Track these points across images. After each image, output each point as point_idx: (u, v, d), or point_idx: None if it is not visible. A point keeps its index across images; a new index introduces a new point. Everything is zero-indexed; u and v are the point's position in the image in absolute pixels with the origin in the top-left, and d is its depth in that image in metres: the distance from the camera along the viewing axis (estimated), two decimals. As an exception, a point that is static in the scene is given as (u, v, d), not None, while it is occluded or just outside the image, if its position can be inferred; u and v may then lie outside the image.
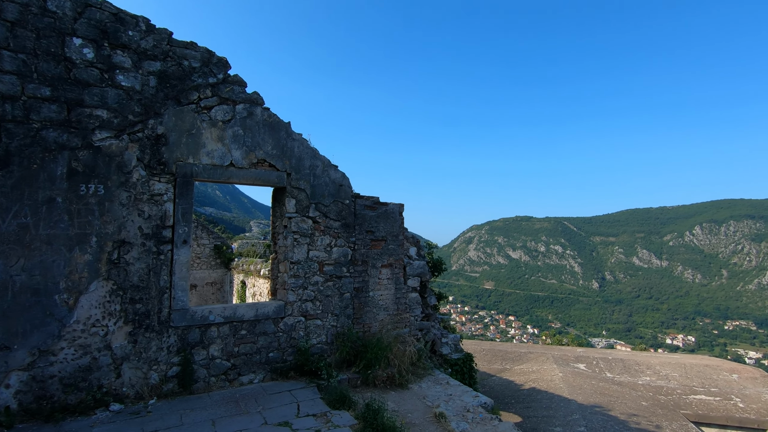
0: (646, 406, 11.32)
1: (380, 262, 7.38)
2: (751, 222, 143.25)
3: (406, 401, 6.04)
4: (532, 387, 12.47)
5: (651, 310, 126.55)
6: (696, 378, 13.86)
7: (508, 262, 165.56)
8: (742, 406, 11.71)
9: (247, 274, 16.63)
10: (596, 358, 15.77)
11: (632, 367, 14.80)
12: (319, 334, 6.77)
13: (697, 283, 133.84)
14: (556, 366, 14.13)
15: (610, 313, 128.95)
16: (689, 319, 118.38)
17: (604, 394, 11.91)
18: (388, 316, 7.34)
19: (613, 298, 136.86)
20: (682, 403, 12.00)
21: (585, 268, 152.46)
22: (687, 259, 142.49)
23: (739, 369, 15.07)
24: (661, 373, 14.30)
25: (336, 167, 7.14)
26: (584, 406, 10.60)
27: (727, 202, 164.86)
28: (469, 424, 5.21)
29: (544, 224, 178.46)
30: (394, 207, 7.58)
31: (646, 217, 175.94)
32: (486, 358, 15.77)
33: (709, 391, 12.75)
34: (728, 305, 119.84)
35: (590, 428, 9.02)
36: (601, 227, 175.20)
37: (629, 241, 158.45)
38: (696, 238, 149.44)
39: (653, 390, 12.76)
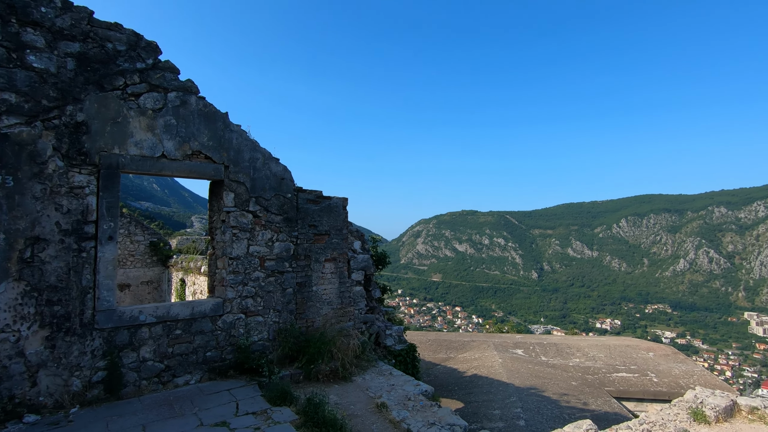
0: (576, 385, 12.23)
1: (323, 256, 7.34)
2: (667, 215, 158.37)
3: (349, 394, 6.08)
4: (474, 374, 13.02)
5: (583, 297, 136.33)
6: (619, 357, 15.16)
7: (454, 255, 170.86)
8: (656, 381, 12.99)
9: (187, 272, 15.85)
10: (533, 344, 16.77)
11: (564, 351, 15.89)
12: (260, 330, 6.62)
13: (622, 271, 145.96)
14: (497, 353, 14.85)
15: (548, 301, 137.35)
16: (616, 304, 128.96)
17: (539, 376, 12.71)
18: (332, 311, 7.33)
19: (550, 287, 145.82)
20: (607, 380, 13.09)
21: (525, 259, 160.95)
22: (614, 249, 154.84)
23: (655, 348, 16.68)
24: (590, 354, 15.50)
25: (277, 160, 6.98)
26: (521, 388, 11.24)
27: (648, 197, 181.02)
28: (410, 412, 5.35)
29: (488, 218, 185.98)
30: (338, 201, 7.56)
31: (579, 211, 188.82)
32: (432, 348, 16.23)
33: (629, 368, 14.00)
34: (648, 291, 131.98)
35: (526, 409, 9.59)
36: (540, 221, 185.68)
37: (565, 233, 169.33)
38: (622, 230, 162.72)
39: (582, 370, 13.80)
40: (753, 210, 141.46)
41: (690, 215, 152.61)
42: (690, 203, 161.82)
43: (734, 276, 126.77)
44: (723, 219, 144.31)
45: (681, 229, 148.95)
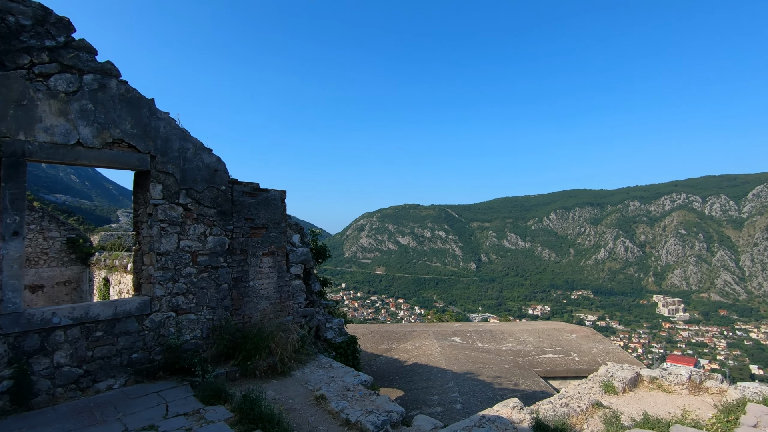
0: (508, 368, 13.02)
1: (261, 250, 7.15)
2: (590, 208, 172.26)
3: (288, 388, 6.02)
4: (415, 362, 13.40)
5: (517, 286, 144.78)
6: (546, 340, 16.33)
7: (397, 248, 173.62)
8: (578, 360, 14.18)
9: (111, 270, 14.68)
10: (470, 331, 17.57)
11: (498, 336, 16.83)
12: (193, 329, 6.34)
13: (552, 260, 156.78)
14: (436, 341, 15.39)
15: (485, 290, 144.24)
16: (546, 291, 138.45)
17: (475, 362, 13.37)
18: (270, 305, 7.18)
19: (487, 277, 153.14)
20: (535, 362, 14.08)
21: (465, 251, 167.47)
22: (545, 240, 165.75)
23: (578, 330, 18.18)
24: (521, 338, 16.55)
25: (210, 151, 6.67)
26: (458, 374, 11.76)
27: (574, 192, 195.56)
28: (349, 402, 5.41)
29: (429, 212, 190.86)
30: (276, 194, 7.39)
31: (514, 204, 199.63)
32: (374, 340, 16.45)
33: (555, 350, 15.15)
34: (574, 278, 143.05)
35: (462, 393, 10.06)
36: (478, 214, 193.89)
37: (501, 226, 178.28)
38: (552, 223, 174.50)
39: (514, 354, 14.72)
40: (661, 204, 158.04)
41: (609, 209, 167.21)
42: (610, 197, 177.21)
43: (645, 263, 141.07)
44: (637, 212, 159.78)
45: (602, 221, 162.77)
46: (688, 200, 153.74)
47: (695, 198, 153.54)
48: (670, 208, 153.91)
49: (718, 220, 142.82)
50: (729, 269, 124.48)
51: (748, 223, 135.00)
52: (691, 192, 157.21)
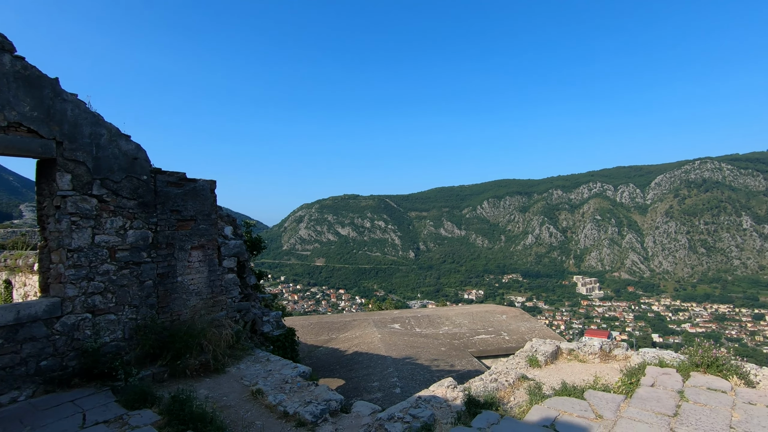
0: (445, 350, 13.59)
1: (190, 243, 6.76)
2: (519, 197, 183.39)
3: (222, 385, 5.81)
4: (355, 351, 13.52)
5: (453, 272, 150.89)
6: (480, 322, 17.24)
7: (337, 239, 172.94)
8: (508, 338, 15.15)
9: (14, 271, 13.08)
10: (409, 318, 18.05)
11: (436, 321, 17.47)
12: (113, 330, 5.86)
13: (485, 247, 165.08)
14: (376, 329, 15.62)
15: (424, 277, 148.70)
16: (480, 276, 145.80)
17: (414, 346, 13.78)
18: (201, 301, 6.83)
19: (425, 264, 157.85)
20: (470, 343, 14.82)
21: (403, 240, 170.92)
22: (478, 228, 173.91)
23: (508, 311, 19.39)
24: (456, 322, 17.31)
25: (128, 137, 6.14)
26: (397, 359, 12.06)
27: (505, 182, 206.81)
28: (287, 395, 5.34)
29: (369, 202, 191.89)
30: (204, 184, 7.00)
31: (450, 194, 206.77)
32: (314, 331, 16.32)
33: (488, 330, 16.05)
34: (505, 263, 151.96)
35: (401, 377, 10.34)
36: (416, 203, 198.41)
37: (437, 215, 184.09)
38: (484, 211, 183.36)
39: (450, 336, 15.37)
40: (580, 192, 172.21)
41: (536, 197, 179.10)
42: (536, 187, 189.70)
43: (567, 247, 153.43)
44: (559, 200, 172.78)
45: (529, 209, 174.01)
46: (603, 189, 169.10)
47: (608, 186, 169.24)
48: (588, 196, 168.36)
49: (627, 206, 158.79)
50: (636, 250, 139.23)
51: (651, 208, 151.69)
52: (605, 181, 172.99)
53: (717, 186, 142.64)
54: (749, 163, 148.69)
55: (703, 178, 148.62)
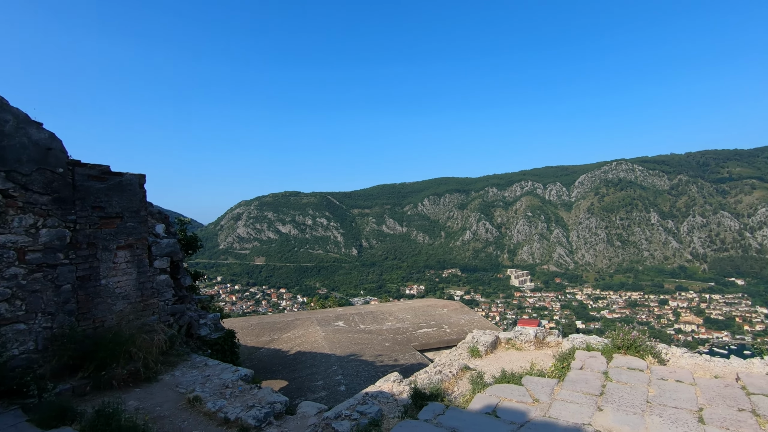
0: (389, 345, 13.73)
1: (115, 243, 6.19)
2: (458, 195, 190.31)
3: (155, 395, 5.40)
4: (299, 350, 13.24)
5: (396, 268, 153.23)
6: (422, 316, 17.64)
7: (278, 237, 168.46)
8: (449, 331, 15.64)
9: None
10: (352, 315, 18.02)
11: (379, 317, 17.60)
12: (23, 341, 5.22)
13: (426, 243, 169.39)
14: (320, 327, 15.41)
15: (367, 274, 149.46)
16: (421, 272, 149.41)
17: (358, 343, 13.77)
18: (129, 305, 6.29)
19: (368, 261, 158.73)
20: (413, 337, 15.11)
21: (346, 237, 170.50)
22: (420, 225, 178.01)
23: (448, 304, 20.03)
24: (399, 317, 17.57)
25: (40, 125, 5.48)
26: (342, 357, 11.98)
27: (445, 180, 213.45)
28: (227, 400, 5.09)
29: (311, 199, 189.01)
30: (132, 178, 6.44)
31: (392, 191, 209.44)
32: (255, 332, 15.75)
33: (430, 324, 16.46)
34: (445, 258, 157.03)
35: (346, 375, 10.28)
36: (358, 200, 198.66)
37: (380, 212, 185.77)
38: (425, 208, 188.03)
39: (394, 332, 15.57)
40: (513, 190, 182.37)
41: (473, 194, 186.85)
42: (473, 185, 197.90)
43: (501, 242, 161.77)
44: (494, 197, 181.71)
45: (467, 206, 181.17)
46: (534, 187, 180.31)
47: (538, 185, 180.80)
48: (520, 193, 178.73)
49: (554, 203, 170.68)
50: (562, 244, 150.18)
51: (575, 205, 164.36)
52: (535, 180, 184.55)
53: (630, 185, 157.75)
54: (656, 165, 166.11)
55: (619, 177, 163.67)
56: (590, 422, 4.50)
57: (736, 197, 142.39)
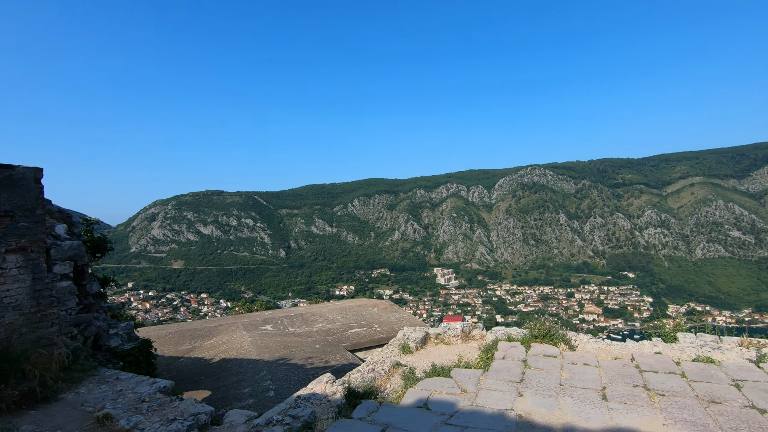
0: (319, 347, 13.54)
1: (4, 246, 5.39)
2: (387, 196, 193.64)
3: (56, 416, 4.79)
4: (223, 358, 12.56)
5: (325, 269, 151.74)
6: (353, 316, 17.66)
7: (199, 239, 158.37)
8: (379, 330, 15.84)
9: None
10: (281, 318, 17.50)
11: (309, 319, 17.30)
12: None
13: (356, 244, 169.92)
14: (246, 332, 14.76)
15: (295, 276, 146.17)
16: (351, 272, 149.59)
17: (287, 347, 13.41)
18: (21, 317, 5.51)
19: (297, 263, 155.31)
20: (344, 338, 15.07)
21: (274, 238, 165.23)
22: (349, 225, 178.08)
23: (378, 304, 20.28)
24: (330, 318, 17.42)
25: None
26: (270, 362, 11.58)
27: (374, 181, 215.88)
28: (144, 415, 4.67)
29: (235, 198, 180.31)
30: (26, 171, 5.65)
31: (321, 191, 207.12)
32: (173, 341, 14.66)
33: (360, 324, 16.54)
34: (374, 258, 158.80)
35: (275, 380, 9.96)
36: (287, 201, 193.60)
37: (309, 212, 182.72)
38: (355, 209, 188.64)
39: (324, 333, 15.39)
40: (439, 192, 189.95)
41: (402, 196, 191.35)
42: (402, 186, 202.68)
43: (429, 242, 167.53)
44: (422, 199, 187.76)
45: (396, 206, 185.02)
46: (458, 189, 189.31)
47: (462, 187, 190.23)
48: (446, 195, 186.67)
49: (477, 205, 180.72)
50: (484, 243, 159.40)
51: (495, 207, 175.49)
52: (460, 182, 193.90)
53: (543, 188, 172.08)
54: (564, 170, 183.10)
55: (533, 181, 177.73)
56: (512, 407, 4.83)
57: (628, 200, 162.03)
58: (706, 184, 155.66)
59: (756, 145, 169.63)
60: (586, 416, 4.63)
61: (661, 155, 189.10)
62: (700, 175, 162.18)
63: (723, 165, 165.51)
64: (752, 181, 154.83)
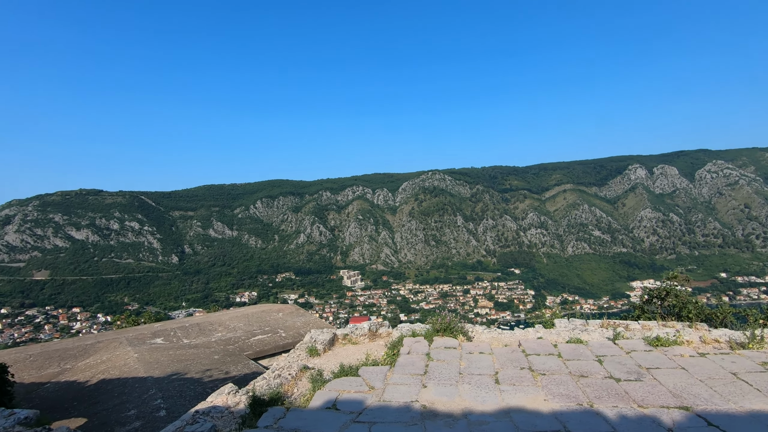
0: (218, 358, 12.67)
1: None
2: (292, 197, 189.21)
3: None
4: (102, 379, 11.09)
5: (225, 275, 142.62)
6: (256, 323, 16.85)
7: (70, 245, 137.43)
8: (285, 335, 15.36)
9: None
10: (174, 329, 15.99)
11: (207, 328, 16.08)
12: None
13: (258, 247, 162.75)
14: (131, 348, 13.20)
15: (190, 284, 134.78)
16: (253, 277, 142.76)
17: (182, 360, 12.30)
18: None
19: (192, 269, 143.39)
20: (246, 346, 14.30)
21: (165, 243, 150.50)
22: (252, 228, 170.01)
23: (283, 308, 19.67)
24: (231, 326, 16.40)
25: None
26: (161, 378, 10.52)
27: (278, 182, 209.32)
28: (-1, 454, 3.92)
29: (117, 199, 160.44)
30: None
31: (220, 192, 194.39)
32: (36, 365, 12.51)
33: (264, 330, 15.86)
34: (279, 262, 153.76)
35: (167, 397, 9.07)
36: (180, 202, 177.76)
37: (206, 214, 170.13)
38: (258, 211, 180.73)
39: (224, 342, 14.43)
40: (346, 194, 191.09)
41: (308, 198, 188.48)
42: (308, 188, 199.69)
43: (335, 244, 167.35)
44: (328, 201, 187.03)
45: (302, 209, 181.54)
46: (364, 192, 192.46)
47: (368, 190, 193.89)
48: (352, 197, 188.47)
49: (382, 207, 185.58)
50: (388, 245, 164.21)
51: (399, 209, 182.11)
52: (365, 185, 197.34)
53: (442, 192, 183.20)
54: (461, 176, 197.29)
55: (434, 185, 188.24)
56: (417, 399, 5.06)
57: (515, 204, 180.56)
58: (575, 191, 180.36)
59: (611, 158, 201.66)
60: (482, 400, 5.05)
61: (540, 164, 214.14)
62: (571, 183, 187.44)
63: (587, 174, 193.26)
64: (608, 189, 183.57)
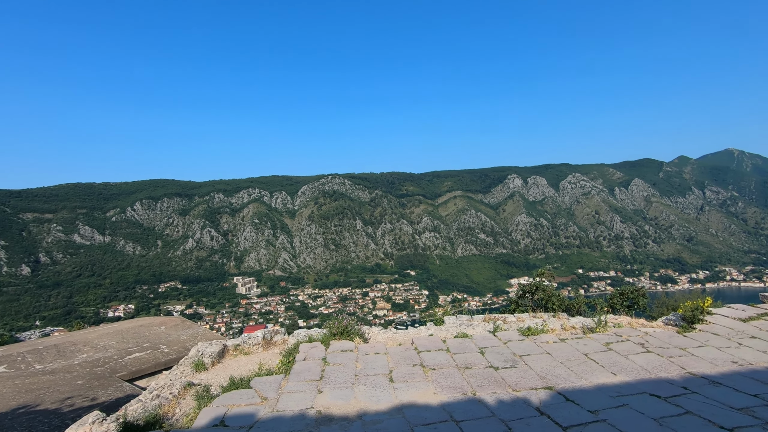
0: (82, 383, 10.95)
1: None
2: (179, 199, 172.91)
3: None
4: None
5: (94, 287, 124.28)
6: (132, 340, 14.96)
7: None
8: (167, 351, 13.90)
9: None
10: (23, 353, 13.42)
11: (68, 350, 13.81)
12: None
13: (137, 254, 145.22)
14: (-41, 381, 10.72)
15: (47, 299, 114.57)
16: (130, 288, 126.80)
17: (32, 390, 10.37)
18: None
19: (50, 281, 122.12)
20: (119, 366, 12.59)
21: (12, 251, 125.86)
22: (129, 233, 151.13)
23: (167, 321, 17.80)
24: (99, 345, 14.31)
25: None
26: (3, 415, 8.75)
27: (162, 182, 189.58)
28: None
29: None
30: None
31: (89, 192, 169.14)
32: None
33: (142, 347, 14.17)
34: (162, 270, 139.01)
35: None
36: (35, 202, 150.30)
37: (70, 217, 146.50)
38: (137, 213, 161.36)
39: (91, 364, 12.53)
40: (240, 197, 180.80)
41: (197, 200, 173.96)
42: (197, 189, 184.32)
43: (228, 249, 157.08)
44: (221, 203, 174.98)
45: (190, 211, 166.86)
46: (261, 194, 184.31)
47: (265, 193, 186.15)
48: (248, 200, 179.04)
49: (280, 211, 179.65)
50: (287, 249, 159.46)
51: (298, 213, 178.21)
52: (262, 188, 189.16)
53: (342, 196, 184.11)
54: (361, 180, 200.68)
55: (334, 189, 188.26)
56: (312, 405, 4.97)
57: (411, 209, 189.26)
58: (464, 197, 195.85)
59: (494, 168, 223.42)
60: (376, 399, 5.15)
61: (434, 172, 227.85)
62: (461, 190, 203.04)
63: (475, 182, 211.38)
64: (492, 196, 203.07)
